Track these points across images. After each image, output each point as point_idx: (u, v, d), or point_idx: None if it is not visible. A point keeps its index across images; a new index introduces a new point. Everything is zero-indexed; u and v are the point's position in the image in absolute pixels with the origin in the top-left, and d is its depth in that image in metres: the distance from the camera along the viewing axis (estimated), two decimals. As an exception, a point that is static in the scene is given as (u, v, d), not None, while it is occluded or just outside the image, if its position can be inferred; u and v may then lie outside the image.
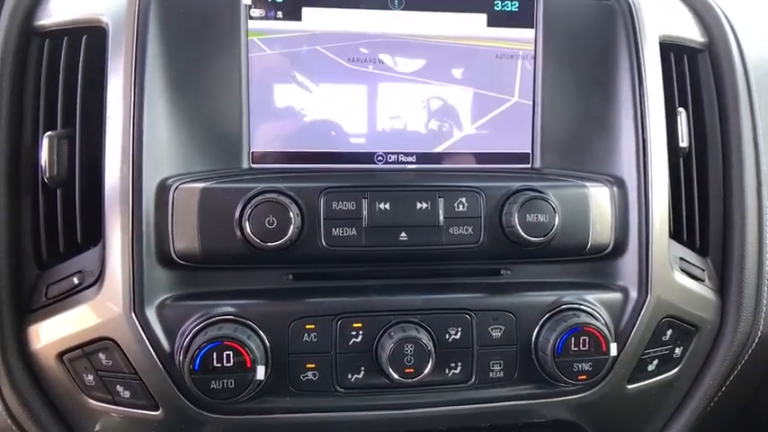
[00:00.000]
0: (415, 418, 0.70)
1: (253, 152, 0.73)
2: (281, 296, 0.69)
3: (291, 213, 0.65)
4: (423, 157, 0.76)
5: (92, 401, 0.68)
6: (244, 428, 0.68)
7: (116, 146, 0.66)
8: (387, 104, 0.75)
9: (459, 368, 0.69)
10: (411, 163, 0.76)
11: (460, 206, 0.70)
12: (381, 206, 0.69)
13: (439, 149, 0.77)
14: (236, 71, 0.71)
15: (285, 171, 0.72)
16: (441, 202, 0.69)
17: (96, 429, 0.68)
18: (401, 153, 0.76)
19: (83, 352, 0.67)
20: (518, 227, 0.68)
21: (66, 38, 0.72)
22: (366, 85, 0.75)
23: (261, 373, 0.63)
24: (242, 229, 0.65)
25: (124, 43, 0.68)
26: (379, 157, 0.76)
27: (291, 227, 0.65)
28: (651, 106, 0.74)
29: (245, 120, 0.72)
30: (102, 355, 0.66)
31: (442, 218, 0.69)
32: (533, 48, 0.77)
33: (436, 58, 0.76)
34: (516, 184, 0.71)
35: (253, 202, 0.65)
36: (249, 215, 0.65)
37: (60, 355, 0.68)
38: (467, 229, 0.70)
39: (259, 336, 0.66)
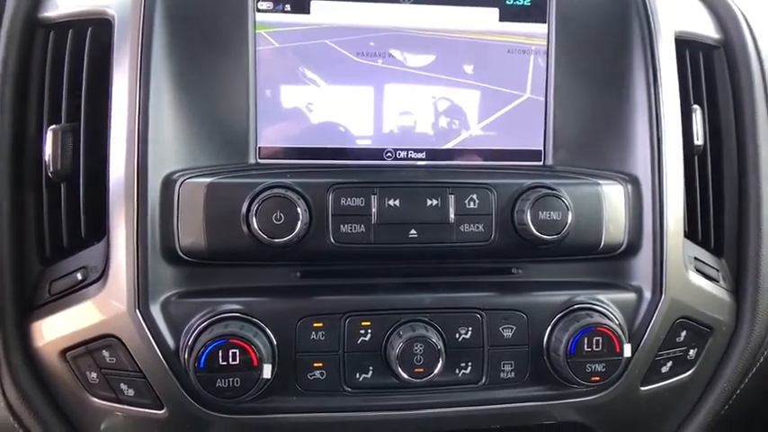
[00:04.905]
0: (423, 418, 0.68)
1: (260, 147, 0.71)
2: (288, 293, 0.67)
3: (299, 209, 0.64)
4: (432, 154, 0.75)
5: (95, 400, 0.67)
6: (249, 428, 0.66)
7: (121, 140, 0.65)
8: (396, 100, 0.74)
9: (469, 368, 0.68)
10: (421, 159, 0.74)
11: (471, 203, 0.68)
12: (391, 202, 0.67)
13: (449, 146, 0.75)
14: (244, 65, 0.70)
15: (292, 167, 0.71)
16: (451, 198, 0.68)
17: (102, 429, 0.67)
18: (411, 149, 0.74)
19: (86, 349, 0.66)
20: (530, 224, 0.67)
21: (71, 30, 0.70)
22: (375, 80, 0.73)
23: (268, 371, 0.62)
24: (249, 225, 0.64)
25: (130, 36, 0.66)
26: (388, 154, 0.75)
27: (299, 223, 0.64)
28: (666, 103, 0.73)
29: (252, 114, 0.71)
30: (105, 353, 0.65)
31: (452, 215, 0.68)
32: (546, 43, 0.75)
33: (447, 53, 0.74)
34: (528, 181, 0.69)
35: (260, 197, 0.64)
36: (256, 211, 0.63)
37: (63, 353, 0.67)
38: (478, 227, 0.69)
39: (266, 334, 0.64)
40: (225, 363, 0.62)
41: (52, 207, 0.69)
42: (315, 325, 0.66)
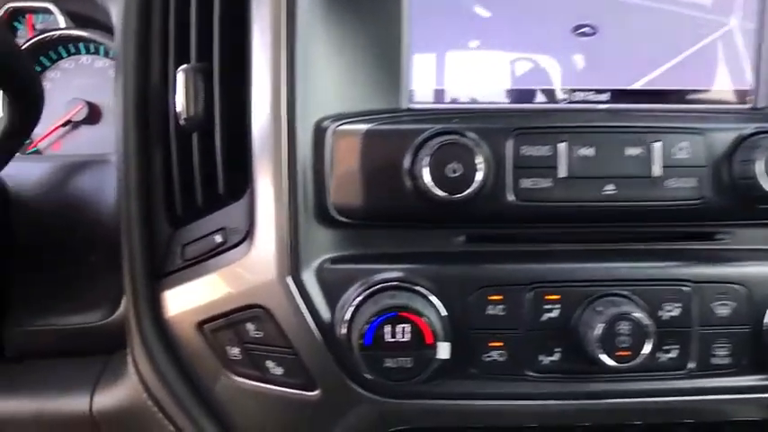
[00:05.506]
0: (617, 410, 0.57)
1: (412, 90, 0.61)
2: (457, 260, 0.57)
3: (479, 158, 0.53)
4: (618, 95, 0.62)
5: (236, 378, 0.60)
6: (413, 414, 0.57)
7: (264, 82, 0.56)
8: (572, 29, 0.61)
9: (674, 352, 0.56)
10: (603, 102, 0.62)
11: (681, 153, 0.56)
12: (583, 152, 0.55)
13: (637, 85, 0.62)
14: (396, -8, 0.60)
15: (451, 112, 0.59)
16: (656, 147, 0.56)
17: (242, 410, 0.61)
18: (591, 89, 0.63)
19: (227, 321, 0.58)
20: (762, 178, 0.54)
21: None
22: (547, 6, 0.61)
23: (444, 351, 0.52)
24: (414, 179, 0.54)
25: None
26: (563, 95, 0.63)
27: (479, 175, 0.53)
28: None
29: (405, 51, 0.59)
30: (250, 326, 0.57)
31: (657, 167, 0.55)
32: (763, -46, 0.62)
33: (635, -28, 0.62)
34: (750, 125, 0.56)
35: (429, 145, 0.53)
36: (427, 162, 0.53)
37: (200, 325, 0.60)
38: (687, 182, 0.56)
39: (435, 307, 0.55)
40: (393, 339, 0.53)
41: (183, 161, 0.61)
42: (492, 298, 0.55)
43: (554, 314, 0.56)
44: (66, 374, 0.71)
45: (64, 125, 0.84)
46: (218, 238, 0.59)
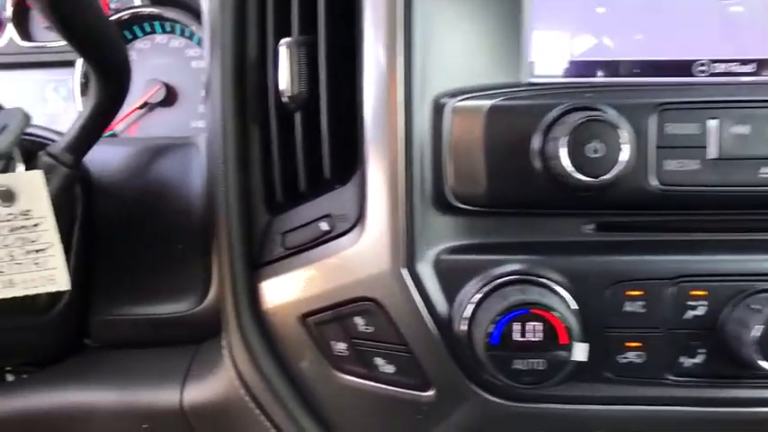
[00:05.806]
0: (765, 420, 0.52)
1: (532, 62, 0.56)
2: (591, 251, 0.51)
3: (624, 136, 0.47)
4: (765, 65, 0.56)
5: (341, 375, 0.56)
6: (535, 419, 0.53)
7: (378, 55, 0.51)
8: (712, -7, 0.56)
9: (834, 356, 0.51)
10: (747, 74, 0.55)
11: None
12: (737, 130, 0.49)
13: (786, 55, 0.57)
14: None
15: (578, 86, 0.53)
16: (820, 124, 0.50)
17: (345, 409, 0.57)
18: (735, 60, 0.56)
19: (334, 315, 0.54)
20: None
21: None
22: (684, -33, 0.56)
23: (581, 352, 0.47)
24: (546, 160, 0.48)
25: None
26: (701, 67, 0.56)
27: (623, 155, 0.47)
28: None
29: (526, 20, 0.53)
30: (359, 320, 0.53)
31: (821, 147, 0.50)
32: None
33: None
34: None
35: (566, 123, 0.47)
36: (564, 141, 0.47)
37: (303, 318, 0.56)
38: None
39: (566, 303, 0.50)
40: (524, 339, 0.48)
41: (283, 142, 0.57)
42: (631, 293, 0.50)
43: (699, 312, 0.50)
44: (153, 365, 0.69)
45: (141, 107, 0.82)
46: (324, 226, 0.55)
